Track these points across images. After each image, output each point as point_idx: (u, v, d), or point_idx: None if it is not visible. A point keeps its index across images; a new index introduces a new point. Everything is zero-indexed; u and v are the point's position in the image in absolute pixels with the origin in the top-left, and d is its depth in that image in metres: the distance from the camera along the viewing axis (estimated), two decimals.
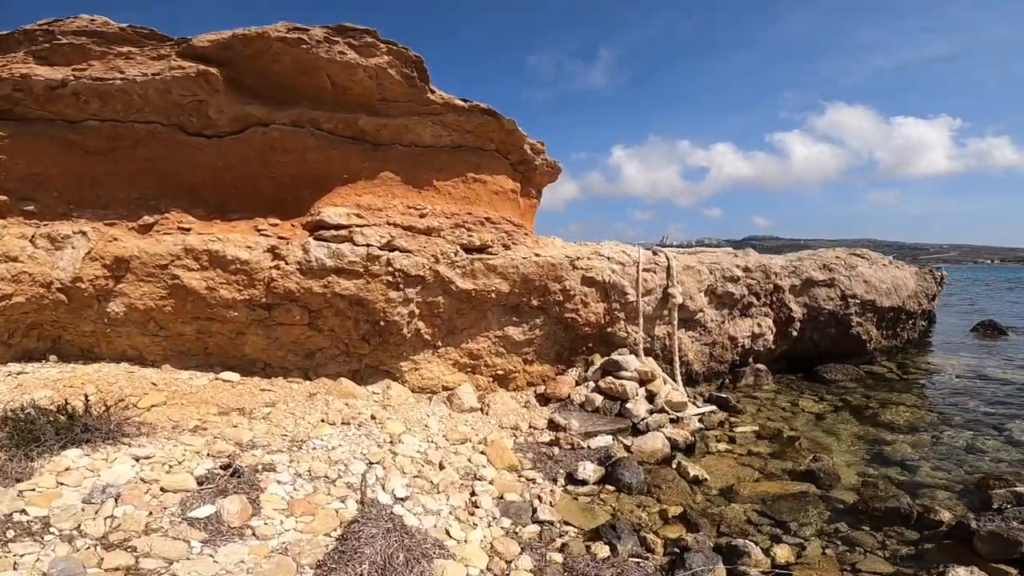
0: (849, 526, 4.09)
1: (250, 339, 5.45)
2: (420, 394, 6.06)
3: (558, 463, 4.91)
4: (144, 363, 5.51)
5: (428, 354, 6.06)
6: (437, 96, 5.54)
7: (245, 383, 5.51)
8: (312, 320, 5.41)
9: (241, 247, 5.05)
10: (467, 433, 5.20)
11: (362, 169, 5.64)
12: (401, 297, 5.51)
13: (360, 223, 5.32)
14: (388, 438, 4.74)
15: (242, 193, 5.57)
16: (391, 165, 5.69)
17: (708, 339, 7.21)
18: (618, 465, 4.67)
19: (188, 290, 5.04)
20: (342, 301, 5.37)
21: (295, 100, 5.47)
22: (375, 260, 5.30)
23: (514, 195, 6.19)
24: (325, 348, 5.70)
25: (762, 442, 5.81)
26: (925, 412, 6.86)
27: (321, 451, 4.37)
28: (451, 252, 5.54)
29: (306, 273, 5.13)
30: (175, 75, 5.00)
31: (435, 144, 5.75)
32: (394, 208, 5.55)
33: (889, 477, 4.99)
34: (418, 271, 5.44)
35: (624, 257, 6.30)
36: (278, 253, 5.11)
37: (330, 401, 5.36)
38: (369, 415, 5.16)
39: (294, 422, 4.86)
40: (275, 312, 5.29)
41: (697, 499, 4.52)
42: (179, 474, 3.67)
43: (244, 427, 4.60)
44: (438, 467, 4.34)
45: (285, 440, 4.50)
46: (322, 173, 5.60)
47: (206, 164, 5.49)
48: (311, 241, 5.16)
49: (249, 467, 3.98)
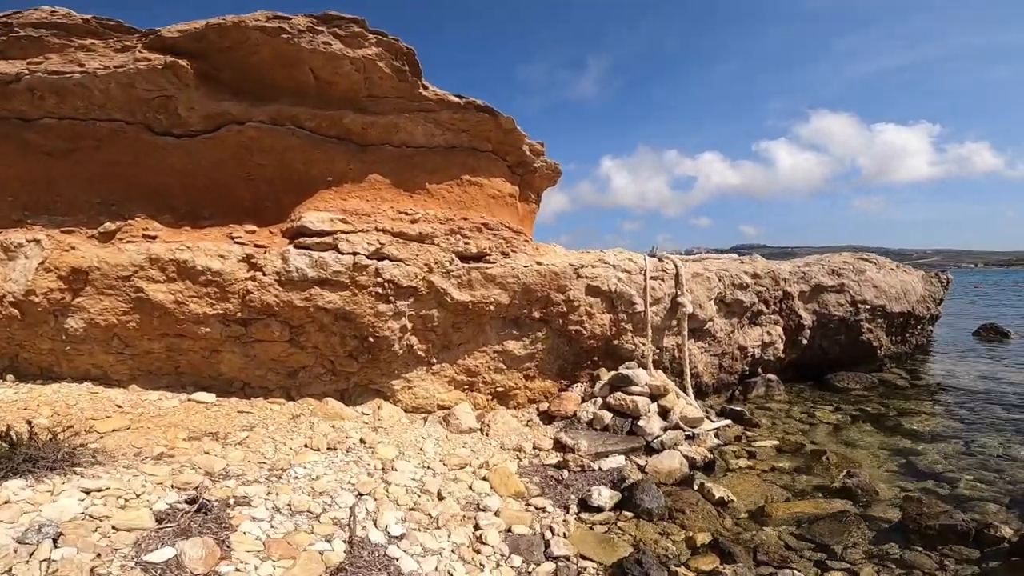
0: (900, 547, 3.73)
1: (226, 357, 4.96)
2: (414, 414, 5.58)
3: (568, 488, 4.45)
4: (109, 383, 5.01)
5: (422, 371, 5.59)
6: (430, 92, 5.16)
7: (221, 404, 5.01)
8: (294, 336, 4.93)
9: (213, 256, 4.58)
10: (466, 457, 4.73)
11: (348, 171, 5.22)
12: (392, 310, 5.06)
13: (346, 229, 4.88)
14: (380, 465, 4.25)
15: (216, 198, 5.11)
16: (380, 167, 5.28)
17: (718, 349, 6.83)
18: (636, 489, 4.22)
19: (154, 304, 4.55)
20: (326, 315, 4.91)
21: (275, 96, 5.06)
22: (362, 270, 4.85)
23: (512, 199, 5.80)
24: (309, 366, 5.22)
25: (784, 457, 5.41)
26: (948, 420, 6.54)
27: (304, 481, 3.87)
28: (446, 260, 5.11)
29: (285, 285, 4.67)
30: (139, 68, 4.58)
31: (428, 144, 5.36)
32: (383, 213, 5.13)
33: (930, 491, 4.64)
34: (410, 282, 5.01)
35: (630, 265, 5.92)
36: (254, 263, 4.65)
37: (315, 424, 4.87)
38: (358, 439, 4.67)
39: (274, 448, 4.36)
40: (252, 328, 4.81)
41: (726, 523, 4.08)
42: (135, 509, 3.17)
43: (216, 454, 4.10)
44: (436, 497, 3.85)
45: (263, 468, 4.00)
46: (304, 176, 5.17)
47: (175, 166, 5.04)
48: (291, 249, 4.71)
49: (219, 501, 3.49)
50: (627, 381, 5.44)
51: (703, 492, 4.40)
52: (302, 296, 4.70)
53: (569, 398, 5.70)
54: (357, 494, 3.71)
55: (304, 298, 4.70)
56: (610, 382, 5.58)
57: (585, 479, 4.61)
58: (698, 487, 4.49)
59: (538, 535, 3.67)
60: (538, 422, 5.69)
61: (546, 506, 4.06)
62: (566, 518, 3.92)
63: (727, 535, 3.91)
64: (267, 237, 4.88)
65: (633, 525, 4.01)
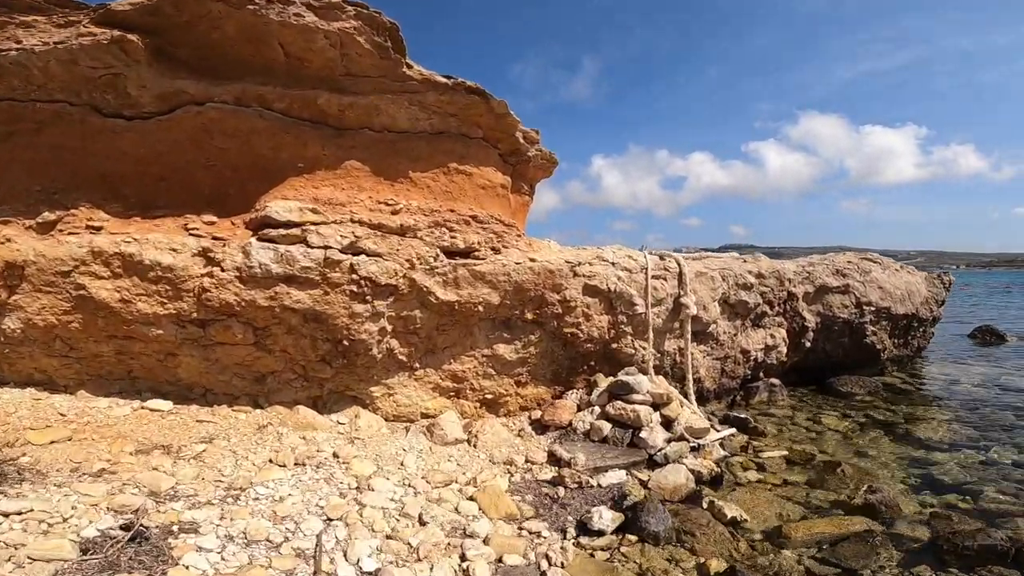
0: (934, 569, 3.41)
1: (183, 361, 4.45)
2: (395, 423, 5.11)
3: (565, 507, 4.01)
4: (55, 389, 4.50)
5: (404, 377, 5.12)
6: (415, 72, 4.71)
7: (178, 413, 4.52)
8: (259, 339, 4.44)
9: (163, 250, 4.08)
10: (452, 472, 4.27)
11: (322, 157, 4.74)
12: (368, 311, 4.59)
13: (316, 220, 4.41)
14: (354, 483, 3.77)
15: (173, 186, 4.62)
16: (358, 153, 4.81)
17: (720, 353, 6.45)
18: (640, 509, 3.80)
19: (97, 303, 4.04)
20: (294, 316, 4.43)
21: (239, 74, 4.58)
22: (335, 266, 4.38)
23: (504, 191, 5.36)
24: (278, 371, 4.73)
25: (795, 469, 5.03)
26: (959, 427, 6.22)
27: (265, 503, 3.39)
28: (430, 256, 4.66)
29: (247, 282, 4.18)
30: (83, 43, 4.09)
31: (412, 129, 4.90)
32: (360, 203, 4.66)
33: (953, 505, 4.32)
34: (389, 279, 4.54)
35: (631, 263, 5.50)
36: (212, 257, 4.15)
37: (283, 435, 4.38)
38: (331, 452, 4.20)
39: (234, 463, 3.88)
40: (211, 330, 4.31)
41: (740, 547, 3.67)
42: (58, 537, 2.73)
43: (165, 471, 3.62)
44: (418, 522, 3.39)
45: (219, 488, 3.53)
46: (272, 162, 4.69)
47: (127, 151, 4.54)
48: (253, 243, 4.23)
49: (161, 527, 3.03)
50: (627, 389, 5.02)
51: (714, 511, 3.99)
52: (266, 295, 4.21)
53: (564, 406, 5.27)
54: (326, 519, 3.24)
55: (269, 297, 4.22)
56: (609, 389, 5.16)
57: (583, 497, 4.17)
58: (708, 506, 4.08)
59: (533, 565, 3.23)
60: (530, 432, 5.25)
61: (541, 530, 3.62)
62: (563, 544, 3.48)
63: (743, 561, 3.51)
64: (228, 229, 4.39)
65: (638, 551, 3.59)
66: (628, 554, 3.55)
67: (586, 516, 3.77)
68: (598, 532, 3.66)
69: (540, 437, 5.14)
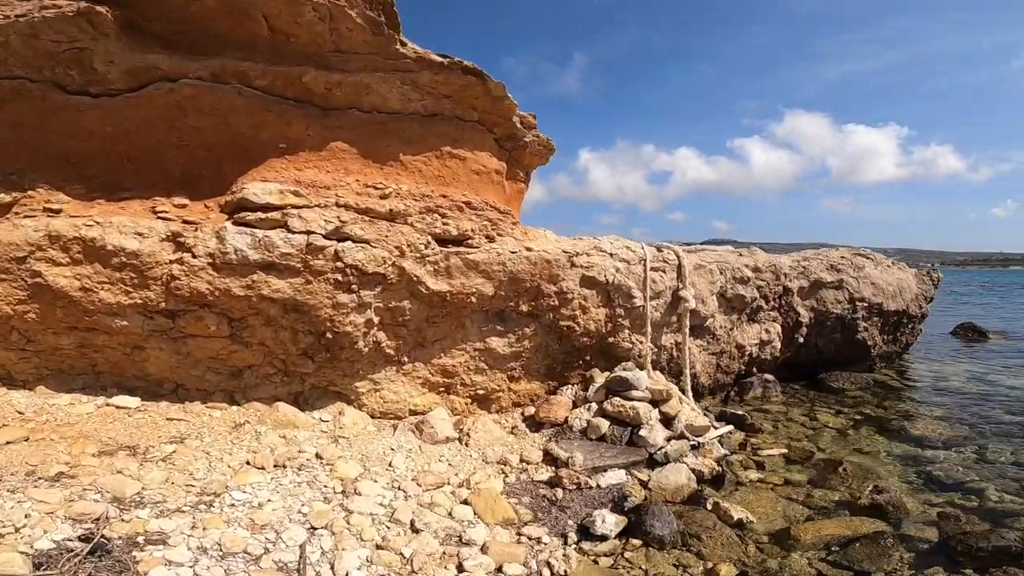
0: (948, 570, 3.33)
1: (152, 355, 4.13)
2: (382, 420, 4.85)
3: (564, 510, 3.80)
4: (12, 384, 4.16)
5: (391, 372, 4.86)
6: (409, 49, 4.42)
7: (147, 410, 4.19)
8: (235, 331, 4.13)
9: (128, 234, 3.74)
10: (444, 473, 4.03)
11: (305, 138, 4.43)
12: (354, 301, 4.31)
13: (298, 203, 4.11)
14: (339, 486, 3.51)
15: (141, 167, 4.27)
16: (345, 134, 4.51)
17: (716, 348, 6.31)
18: (644, 512, 3.61)
19: (55, 291, 3.69)
20: (273, 306, 4.13)
21: (218, 49, 4.24)
22: (318, 252, 4.09)
23: (499, 177, 5.10)
24: (256, 366, 4.43)
25: (795, 467, 4.91)
26: (953, 424, 6.19)
27: (242, 510, 3.11)
28: (420, 243, 4.40)
29: (221, 270, 3.87)
30: (46, 15, 3.72)
31: (403, 110, 4.61)
32: (346, 187, 4.37)
33: (957, 505, 4.25)
34: (377, 267, 4.27)
35: (629, 254, 5.29)
36: (182, 243, 3.83)
37: (262, 434, 4.09)
38: (314, 453, 3.92)
39: (207, 465, 3.59)
40: (182, 321, 3.99)
41: (749, 550, 3.52)
42: (8, 550, 2.45)
43: (131, 474, 3.32)
44: (410, 529, 3.14)
45: (190, 493, 3.23)
46: (252, 142, 4.36)
47: (92, 130, 4.19)
48: (228, 227, 3.91)
49: (125, 538, 2.75)
50: (626, 385, 4.83)
51: (719, 513, 3.82)
52: (242, 283, 3.90)
53: (559, 403, 5.06)
54: (310, 528, 2.98)
55: (245, 286, 3.91)
56: (606, 385, 4.96)
57: (582, 499, 3.97)
58: (712, 507, 3.91)
59: (535, 574, 3.01)
60: (524, 429, 5.04)
61: (541, 535, 3.40)
62: (565, 551, 3.28)
63: (753, 565, 3.37)
64: (200, 212, 4.07)
65: (643, 556, 3.41)
66: (633, 560, 3.37)
67: (588, 520, 3.57)
68: (601, 537, 3.46)
69: (534, 435, 4.93)
